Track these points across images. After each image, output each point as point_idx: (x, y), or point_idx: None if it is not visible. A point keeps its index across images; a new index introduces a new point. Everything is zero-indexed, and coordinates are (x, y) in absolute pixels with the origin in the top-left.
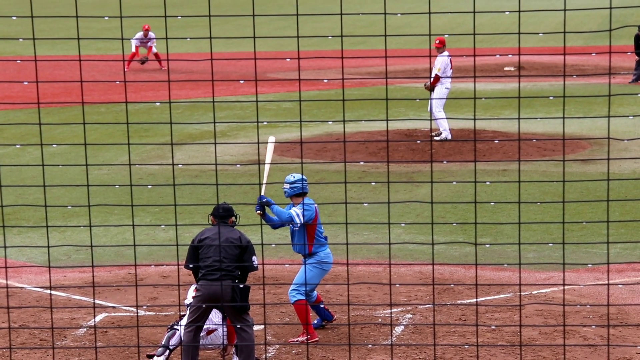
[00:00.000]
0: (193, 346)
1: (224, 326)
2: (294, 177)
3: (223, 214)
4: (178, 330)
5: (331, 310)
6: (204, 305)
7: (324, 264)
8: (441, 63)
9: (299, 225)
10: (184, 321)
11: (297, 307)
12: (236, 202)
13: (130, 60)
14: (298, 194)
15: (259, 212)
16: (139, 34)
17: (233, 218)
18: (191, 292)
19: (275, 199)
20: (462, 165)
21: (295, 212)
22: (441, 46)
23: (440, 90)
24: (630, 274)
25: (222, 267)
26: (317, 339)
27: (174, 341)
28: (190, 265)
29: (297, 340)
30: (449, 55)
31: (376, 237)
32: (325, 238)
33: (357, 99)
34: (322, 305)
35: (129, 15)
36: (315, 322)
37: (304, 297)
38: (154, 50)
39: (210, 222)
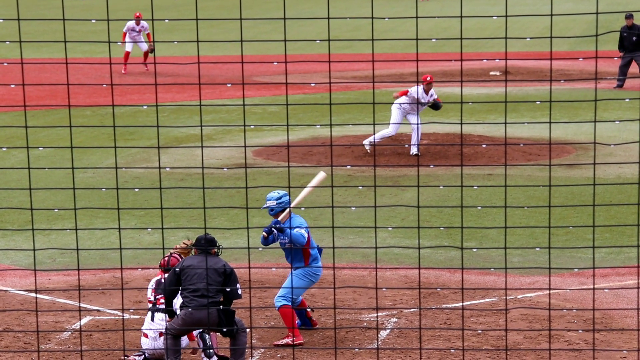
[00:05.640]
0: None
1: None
2: (278, 193)
3: (206, 245)
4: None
5: (316, 313)
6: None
7: (312, 276)
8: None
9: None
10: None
11: (283, 312)
12: (222, 206)
13: (125, 63)
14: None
15: (265, 232)
16: (131, 23)
17: (216, 249)
18: (150, 290)
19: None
20: (448, 169)
21: (301, 233)
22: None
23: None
24: (614, 278)
25: (206, 294)
26: (302, 341)
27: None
28: (168, 289)
29: (282, 342)
30: (433, 94)
31: (362, 241)
32: (320, 250)
33: (344, 103)
34: (307, 309)
35: (116, 19)
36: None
37: (289, 304)
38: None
39: (193, 254)
